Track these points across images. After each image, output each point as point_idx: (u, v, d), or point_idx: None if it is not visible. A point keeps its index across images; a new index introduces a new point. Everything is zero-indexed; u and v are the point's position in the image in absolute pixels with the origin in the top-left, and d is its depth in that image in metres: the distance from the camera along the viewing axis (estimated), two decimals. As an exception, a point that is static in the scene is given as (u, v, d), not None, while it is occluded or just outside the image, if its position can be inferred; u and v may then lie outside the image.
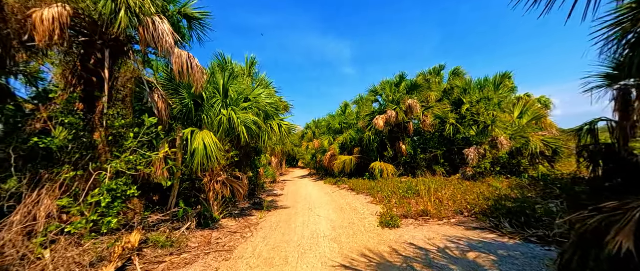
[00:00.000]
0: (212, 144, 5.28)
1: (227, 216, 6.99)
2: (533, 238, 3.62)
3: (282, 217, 6.79)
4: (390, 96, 12.17)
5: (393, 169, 10.86)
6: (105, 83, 4.26)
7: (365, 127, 13.13)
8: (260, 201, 9.13)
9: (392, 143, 12.60)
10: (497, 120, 8.11)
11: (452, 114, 9.84)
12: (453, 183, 8.17)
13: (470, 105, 9.34)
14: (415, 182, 9.12)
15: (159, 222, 5.11)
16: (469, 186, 7.35)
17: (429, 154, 10.99)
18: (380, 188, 8.99)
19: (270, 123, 6.75)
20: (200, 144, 5.10)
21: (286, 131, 6.91)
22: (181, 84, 5.61)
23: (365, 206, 7.18)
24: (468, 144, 10.13)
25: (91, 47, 4.29)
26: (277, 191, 11.91)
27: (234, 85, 6.57)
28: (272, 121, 6.82)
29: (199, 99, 6.09)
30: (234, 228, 6.07)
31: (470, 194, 6.18)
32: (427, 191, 7.20)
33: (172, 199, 5.42)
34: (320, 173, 19.42)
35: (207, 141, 5.24)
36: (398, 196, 7.38)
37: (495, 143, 7.87)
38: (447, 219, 4.90)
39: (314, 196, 9.75)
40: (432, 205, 5.50)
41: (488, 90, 9.19)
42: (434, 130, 11.37)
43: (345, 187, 11.28)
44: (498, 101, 9.00)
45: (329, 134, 17.95)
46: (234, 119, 5.68)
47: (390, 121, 11.54)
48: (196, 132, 5.29)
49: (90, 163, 3.78)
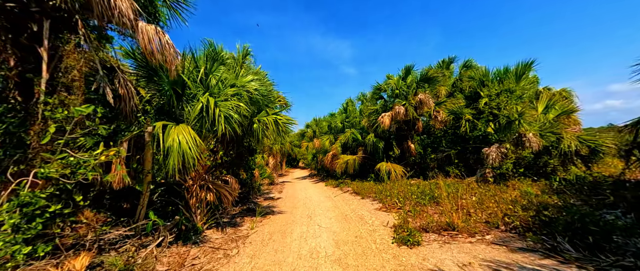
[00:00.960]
0: (190, 141, 4.31)
1: (213, 225, 6.02)
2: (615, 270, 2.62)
3: (276, 227, 5.82)
4: (397, 91, 11.16)
5: (402, 170, 9.85)
6: (44, 63, 3.30)
7: (369, 125, 12.14)
8: (254, 206, 8.16)
9: (399, 142, 11.60)
10: (526, 114, 7.10)
11: (467, 110, 8.83)
12: (472, 187, 7.16)
13: (489, 99, 8.33)
14: (428, 185, 8.12)
15: (123, 238, 4.14)
16: (494, 190, 6.34)
17: (441, 154, 9.97)
18: (388, 191, 7.99)
19: (264, 118, 5.77)
20: (175, 141, 4.13)
21: (283, 127, 5.92)
22: (157, 70, 4.64)
23: (373, 215, 6.19)
24: (486, 143, 9.11)
25: (25, 17, 3.33)
26: (275, 195, 10.95)
27: (218, 72, 5.61)
28: (266, 115, 5.84)
29: (180, 88, 5.12)
30: (219, 242, 5.10)
31: (502, 202, 5.17)
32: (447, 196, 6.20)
33: (141, 209, 4.46)
34: (321, 174, 18.44)
35: (183, 137, 4.27)
36: (411, 203, 6.39)
37: (522, 141, 6.86)
38: (481, 236, 3.90)
39: (315, 201, 8.77)
40: (458, 216, 4.51)
41: (509, 82, 8.19)
42: (446, 128, 10.36)
43: (349, 190, 10.29)
44: (521, 93, 7.99)
45: (331, 133, 16.97)
46: (211, 109, 4.69)
47: (398, 118, 10.54)
48: (171, 127, 4.32)
49: (12, 166, 2.82)
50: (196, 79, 5.34)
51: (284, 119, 5.84)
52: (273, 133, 5.91)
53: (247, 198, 9.59)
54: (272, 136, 6.06)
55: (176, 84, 4.90)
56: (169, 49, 3.74)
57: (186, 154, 4.22)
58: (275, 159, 15.02)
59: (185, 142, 4.15)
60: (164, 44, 3.86)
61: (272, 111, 6.00)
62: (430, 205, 6.07)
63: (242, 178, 9.95)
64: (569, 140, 6.57)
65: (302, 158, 28.30)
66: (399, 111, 10.38)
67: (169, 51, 3.73)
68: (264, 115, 5.86)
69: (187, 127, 4.50)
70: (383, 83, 11.94)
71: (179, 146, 4.16)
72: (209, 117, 4.65)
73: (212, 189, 5.77)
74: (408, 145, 10.97)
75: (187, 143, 4.25)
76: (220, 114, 4.67)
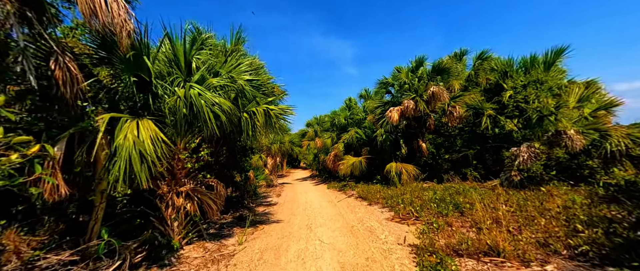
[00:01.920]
0: (154, 139, 3.35)
1: (195, 239, 5.07)
2: None
3: (270, 241, 4.85)
4: (406, 86, 10.14)
5: (414, 170, 8.84)
6: None
7: (375, 122, 11.12)
8: (248, 214, 7.19)
9: (408, 141, 10.58)
10: (563, 108, 6.07)
11: (488, 104, 7.80)
12: (499, 192, 6.14)
13: (515, 91, 7.29)
14: (446, 189, 7.11)
15: (66, 265, 3.18)
16: (531, 198, 5.32)
17: (456, 154, 8.95)
18: (400, 197, 7.00)
19: (253, 108, 4.79)
20: (127, 140, 3.16)
21: (276, 120, 4.94)
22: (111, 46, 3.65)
23: (385, 227, 5.20)
24: (507, 141, 8.09)
25: None
26: (273, 198, 9.98)
27: (201, 55, 4.64)
28: (256, 105, 4.86)
29: (146, 75, 4.13)
30: (197, 262, 4.14)
31: (547, 214, 4.16)
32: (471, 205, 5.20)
33: (94, 226, 3.49)
34: (323, 176, 17.47)
35: (143, 135, 3.30)
36: (431, 212, 5.39)
37: (560, 139, 5.83)
38: (539, 265, 2.90)
39: (316, 207, 7.79)
40: (500, 233, 3.50)
41: (537, 72, 7.16)
42: (462, 125, 9.33)
43: (353, 194, 9.30)
44: (553, 85, 6.95)
45: (333, 132, 15.96)
46: (195, 102, 3.71)
47: (407, 114, 9.52)
48: (126, 121, 3.35)
49: None
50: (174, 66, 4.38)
51: (277, 110, 4.86)
52: (264, 127, 4.93)
53: (241, 203, 8.64)
54: (264, 131, 5.08)
55: (139, 68, 3.91)
56: (117, 9, 2.76)
57: (147, 156, 3.25)
58: (274, 159, 14.06)
59: (141, 141, 3.18)
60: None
61: (263, 100, 5.01)
62: (454, 216, 5.07)
63: (236, 180, 9.02)
64: (617, 138, 5.54)
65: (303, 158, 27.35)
66: (409, 105, 9.36)
67: (117, 11, 2.75)
68: (254, 106, 4.88)
69: (149, 122, 3.52)
70: (390, 77, 10.91)
71: (133, 146, 3.19)
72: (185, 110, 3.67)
73: (193, 196, 4.81)
74: (419, 144, 9.95)
75: (145, 142, 3.28)
76: (202, 108, 3.69)
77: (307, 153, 22.76)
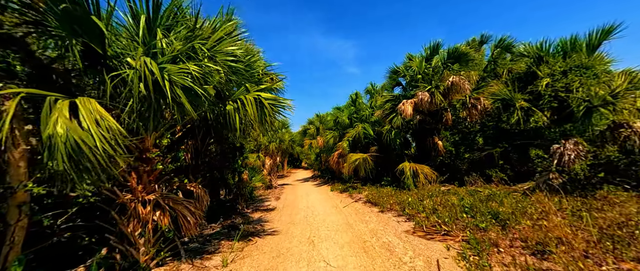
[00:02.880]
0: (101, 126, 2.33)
1: (169, 259, 4.06)
2: None
3: (261, 263, 3.81)
4: (419, 76, 9.05)
5: (431, 172, 7.77)
6: None
7: (384, 117, 10.05)
8: (240, 223, 6.18)
9: (422, 138, 9.50)
10: (621, 97, 4.99)
11: (519, 95, 6.70)
12: (540, 199, 5.06)
13: (552, 79, 6.20)
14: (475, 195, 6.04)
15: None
16: (585, 205, 4.25)
17: (479, 153, 7.87)
18: (419, 204, 5.94)
19: (242, 96, 3.76)
20: (61, 129, 2.15)
21: (270, 112, 3.90)
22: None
23: (407, 243, 4.15)
24: (538, 137, 7.00)
25: None
26: (271, 202, 8.96)
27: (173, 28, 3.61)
28: (245, 92, 3.83)
29: (98, 44, 3.08)
30: (163, 296, 3.12)
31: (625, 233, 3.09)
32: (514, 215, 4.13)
33: (8, 251, 2.47)
34: (325, 177, 16.44)
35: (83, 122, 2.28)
36: (463, 224, 4.32)
37: (617, 134, 4.76)
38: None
39: (319, 213, 6.76)
40: (577, 262, 2.44)
41: (580, 55, 6.06)
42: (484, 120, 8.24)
43: (361, 198, 8.25)
44: (600, 71, 5.86)
45: (336, 130, 14.90)
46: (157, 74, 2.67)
47: (422, 107, 8.45)
48: (56, 101, 2.33)
49: None
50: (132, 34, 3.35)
51: (270, 98, 3.82)
52: (257, 121, 3.89)
53: (234, 208, 7.62)
54: (257, 125, 4.05)
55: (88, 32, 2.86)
56: None
57: (87, 151, 2.23)
58: (273, 159, 13.03)
59: (83, 130, 2.16)
60: None
61: (254, 88, 3.97)
62: (493, 229, 4.00)
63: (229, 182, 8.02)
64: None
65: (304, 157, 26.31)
66: (424, 98, 8.29)
67: None
68: (243, 92, 3.84)
69: (92, 102, 2.49)
70: (402, 65, 9.82)
71: (66, 137, 2.17)
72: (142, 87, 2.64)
73: (164, 205, 3.79)
74: (434, 142, 8.87)
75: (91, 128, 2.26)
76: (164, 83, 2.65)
77: (308, 152, 21.72)
